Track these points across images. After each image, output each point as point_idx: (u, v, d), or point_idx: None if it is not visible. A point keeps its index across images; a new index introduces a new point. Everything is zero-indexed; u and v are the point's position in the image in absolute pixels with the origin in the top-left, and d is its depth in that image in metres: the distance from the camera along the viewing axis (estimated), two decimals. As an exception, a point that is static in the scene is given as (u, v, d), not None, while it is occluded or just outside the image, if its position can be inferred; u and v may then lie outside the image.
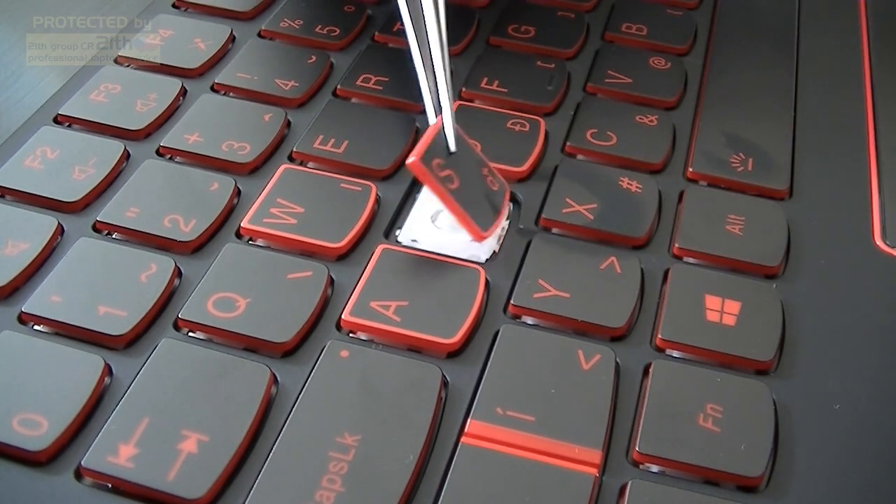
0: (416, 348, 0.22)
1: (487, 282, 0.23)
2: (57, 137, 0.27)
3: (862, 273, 0.24)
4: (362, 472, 0.19)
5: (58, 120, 0.28)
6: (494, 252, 0.24)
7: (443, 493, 0.19)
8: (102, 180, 0.25)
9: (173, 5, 0.33)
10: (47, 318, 0.22)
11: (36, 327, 0.22)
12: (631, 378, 0.21)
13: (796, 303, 0.23)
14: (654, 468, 0.20)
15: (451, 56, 0.27)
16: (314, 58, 0.30)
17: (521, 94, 0.29)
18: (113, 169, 0.26)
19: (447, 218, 0.25)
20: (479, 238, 0.24)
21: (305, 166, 0.27)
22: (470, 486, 0.19)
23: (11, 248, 0.23)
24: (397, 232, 0.25)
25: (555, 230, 0.25)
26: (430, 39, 0.24)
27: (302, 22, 0.32)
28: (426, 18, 0.24)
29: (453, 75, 0.30)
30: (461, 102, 0.29)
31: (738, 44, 0.33)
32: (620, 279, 0.23)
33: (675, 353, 0.22)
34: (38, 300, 0.22)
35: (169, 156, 0.27)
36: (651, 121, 0.29)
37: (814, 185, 0.27)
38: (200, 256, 0.24)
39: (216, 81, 0.29)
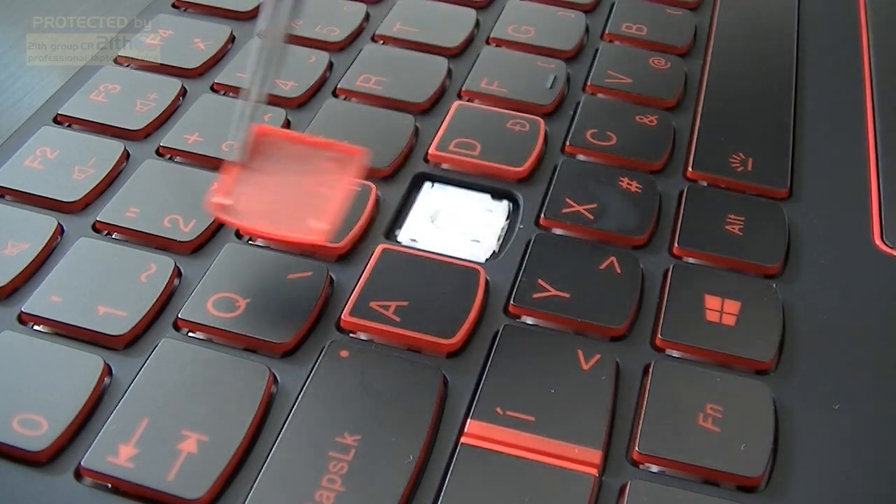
0: (416, 348, 0.22)
1: (487, 282, 0.23)
2: (57, 137, 0.27)
3: (862, 273, 0.24)
4: (362, 472, 0.19)
5: (58, 120, 0.28)
6: (494, 252, 0.24)
7: (443, 493, 0.19)
8: (102, 180, 0.25)
9: (173, 5, 0.33)
10: (47, 318, 0.22)
11: (36, 327, 0.22)
12: (631, 378, 0.21)
13: (796, 303, 0.23)
14: (654, 468, 0.20)
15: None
16: (314, 58, 0.30)
17: (521, 94, 0.29)
18: (113, 169, 0.26)
19: (447, 218, 0.25)
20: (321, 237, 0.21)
21: (305, 166, 0.27)
22: (470, 486, 0.19)
23: (11, 248, 0.23)
24: (397, 232, 0.25)
25: (555, 230, 0.25)
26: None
27: (302, 22, 0.32)
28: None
29: (451, 76, 0.30)
30: (461, 102, 0.29)
31: (738, 44, 0.33)
32: (620, 279, 0.23)
33: (675, 353, 0.22)
34: (38, 300, 0.22)
35: (169, 156, 0.27)
36: (651, 121, 0.29)
37: (814, 185, 0.27)
38: (200, 256, 0.24)
39: (216, 81, 0.29)
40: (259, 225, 0.21)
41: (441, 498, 0.19)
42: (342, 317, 0.22)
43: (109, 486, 0.19)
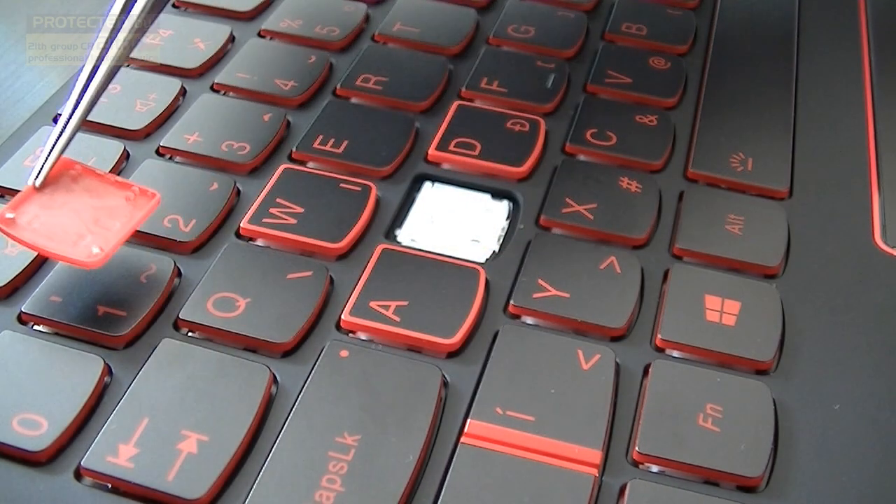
0: (416, 348, 0.22)
1: (487, 282, 0.23)
2: (57, 137, 0.27)
3: (862, 273, 0.24)
4: (362, 472, 0.19)
5: (57, 120, 0.27)
6: (494, 252, 0.24)
7: (443, 493, 0.19)
8: (102, 180, 0.25)
9: (173, 5, 0.33)
10: (47, 318, 0.22)
11: (36, 327, 0.22)
12: (631, 378, 0.21)
13: (796, 303, 0.23)
14: (654, 468, 0.20)
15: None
16: (314, 58, 0.30)
17: (521, 94, 0.29)
18: (112, 169, 0.26)
19: (447, 218, 0.25)
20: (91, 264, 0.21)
21: (305, 166, 0.27)
22: (470, 486, 0.19)
23: (11, 248, 0.23)
24: (397, 232, 0.25)
25: (555, 230, 0.25)
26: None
27: (302, 22, 0.32)
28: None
29: (451, 76, 0.30)
30: (461, 102, 0.29)
31: (738, 44, 0.33)
32: (620, 279, 0.23)
33: (675, 353, 0.22)
34: (38, 300, 0.22)
35: (168, 156, 0.27)
36: (651, 121, 0.29)
37: (814, 185, 0.27)
38: (200, 256, 0.24)
39: (216, 81, 0.29)
40: (36, 241, 0.21)
41: (441, 498, 0.19)
42: (342, 317, 0.22)
43: (109, 486, 0.19)
